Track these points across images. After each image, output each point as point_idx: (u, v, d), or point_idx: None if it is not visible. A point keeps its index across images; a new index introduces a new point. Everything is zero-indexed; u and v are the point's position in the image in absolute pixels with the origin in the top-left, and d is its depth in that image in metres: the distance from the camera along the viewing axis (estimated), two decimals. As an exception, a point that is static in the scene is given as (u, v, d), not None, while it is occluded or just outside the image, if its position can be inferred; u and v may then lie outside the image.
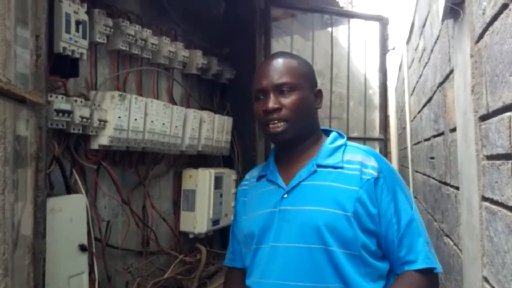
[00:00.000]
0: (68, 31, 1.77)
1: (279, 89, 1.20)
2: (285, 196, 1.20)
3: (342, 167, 1.18)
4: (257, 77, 1.26)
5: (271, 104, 1.19)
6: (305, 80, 1.24)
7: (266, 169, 1.31)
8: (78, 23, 1.81)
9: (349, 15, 3.48)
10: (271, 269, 1.16)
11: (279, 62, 1.24)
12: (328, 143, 1.25)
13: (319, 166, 1.20)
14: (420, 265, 1.13)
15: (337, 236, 1.11)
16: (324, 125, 1.35)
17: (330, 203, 1.13)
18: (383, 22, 3.36)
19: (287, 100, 1.19)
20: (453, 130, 1.88)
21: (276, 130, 1.20)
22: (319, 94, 1.29)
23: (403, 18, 3.81)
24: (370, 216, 1.13)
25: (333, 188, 1.15)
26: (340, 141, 1.26)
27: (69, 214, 1.68)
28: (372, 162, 1.17)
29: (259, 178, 1.33)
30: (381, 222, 1.13)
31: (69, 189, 1.80)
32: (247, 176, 1.42)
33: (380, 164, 1.17)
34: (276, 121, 1.19)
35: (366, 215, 1.12)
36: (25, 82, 1.22)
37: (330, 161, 1.20)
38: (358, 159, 1.18)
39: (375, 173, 1.15)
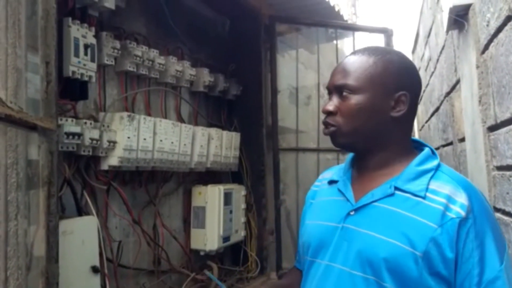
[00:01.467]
0: (77, 55, 1.80)
1: (340, 91, 1.07)
2: (352, 213, 1.05)
3: (424, 197, 0.98)
4: (331, 74, 1.14)
5: (327, 106, 1.08)
6: (374, 83, 1.05)
7: (339, 175, 1.17)
8: (86, 46, 1.84)
9: (353, 28, 3.50)
10: None
11: (350, 60, 1.09)
12: (415, 163, 1.05)
13: (397, 189, 1.02)
14: None
15: (397, 273, 0.95)
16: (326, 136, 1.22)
17: (399, 235, 0.96)
18: (387, 34, 3.37)
19: (344, 105, 1.06)
20: (462, 140, 1.87)
21: (325, 132, 1.10)
22: (402, 98, 1.05)
23: (408, 28, 3.82)
24: (444, 260, 0.93)
25: (406, 219, 0.97)
26: (431, 164, 1.04)
27: (81, 236, 1.69)
28: (462, 199, 0.96)
29: (331, 182, 1.19)
30: (458, 270, 0.94)
31: (80, 211, 1.81)
32: (320, 177, 1.29)
33: (472, 202, 0.96)
34: (328, 124, 1.09)
35: (440, 259, 0.93)
36: (36, 107, 1.24)
37: (412, 186, 1.01)
38: (445, 191, 0.98)
39: (463, 213, 0.94)
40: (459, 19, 1.71)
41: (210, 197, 2.60)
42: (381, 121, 1.06)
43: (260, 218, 3.07)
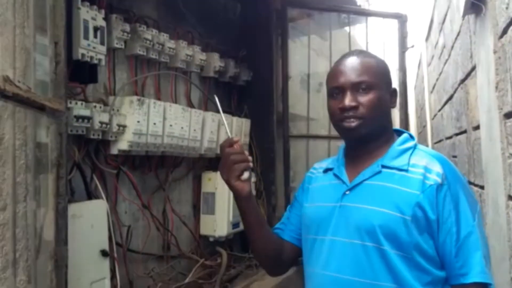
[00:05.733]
0: (86, 37, 1.78)
1: (357, 88, 1.20)
2: (347, 192, 1.21)
3: (406, 170, 1.17)
4: (333, 75, 1.25)
5: (348, 101, 1.18)
6: (381, 79, 1.23)
7: (334, 163, 1.32)
8: (96, 29, 1.82)
9: (366, 13, 3.44)
10: (330, 263, 1.20)
11: (356, 60, 1.23)
12: (397, 144, 1.24)
13: (384, 167, 1.19)
14: (472, 278, 1.09)
15: (391, 237, 1.12)
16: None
17: (389, 205, 1.13)
18: (401, 19, 3.31)
19: (364, 99, 1.19)
20: (477, 128, 1.83)
21: (351, 125, 1.19)
22: (394, 93, 1.29)
23: (422, 14, 3.75)
24: (428, 221, 1.11)
25: (394, 190, 1.15)
26: (409, 144, 1.24)
27: (90, 219, 1.69)
28: (437, 168, 1.15)
29: (326, 170, 1.33)
30: (440, 229, 1.12)
31: (90, 195, 1.81)
32: (316, 165, 1.42)
33: (445, 170, 1.15)
34: (351, 118, 1.19)
35: (425, 220, 1.11)
36: (44, 89, 1.23)
37: (396, 163, 1.19)
38: (423, 163, 1.16)
39: (439, 179, 1.13)
40: (477, 2, 1.66)
41: (220, 183, 2.59)
42: (387, 111, 1.26)
43: (269, 205, 3.06)
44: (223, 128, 2.63)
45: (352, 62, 1.23)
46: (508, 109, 1.31)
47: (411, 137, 1.28)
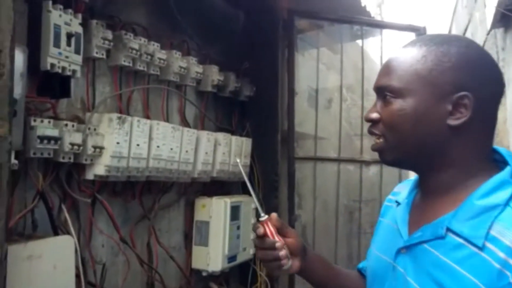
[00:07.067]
0: (57, 45, 1.54)
1: (383, 94, 0.87)
2: (403, 251, 0.86)
3: (481, 247, 0.73)
4: None
5: (369, 112, 0.89)
6: (422, 82, 0.82)
7: (404, 196, 0.98)
8: (70, 36, 1.58)
9: (381, 25, 3.17)
10: None
11: (397, 54, 0.88)
12: (477, 195, 0.78)
13: (450, 230, 0.79)
14: None
15: None
16: (352, 143, 0.99)
17: None
18: (419, 32, 3.02)
19: (386, 111, 0.86)
20: None
21: (374, 146, 0.90)
22: (463, 102, 0.80)
23: (438, 27, 3.49)
24: None
25: (454, 274, 0.75)
26: (502, 195, 0.76)
27: (53, 260, 1.43)
28: None
29: (398, 203, 0.99)
30: None
31: (56, 229, 1.54)
32: (396, 189, 1.07)
33: None
34: (374, 136, 0.90)
35: None
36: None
37: (467, 230, 0.76)
38: (506, 242, 0.71)
39: None
40: (509, 13, 1.43)
41: (215, 211, 2.31)
42: (433, 131, 0.82)
43: (271, 234, 2.77)
44: (219, 148, 2.36)
45: (393, 55, 0.88)
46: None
47: None
